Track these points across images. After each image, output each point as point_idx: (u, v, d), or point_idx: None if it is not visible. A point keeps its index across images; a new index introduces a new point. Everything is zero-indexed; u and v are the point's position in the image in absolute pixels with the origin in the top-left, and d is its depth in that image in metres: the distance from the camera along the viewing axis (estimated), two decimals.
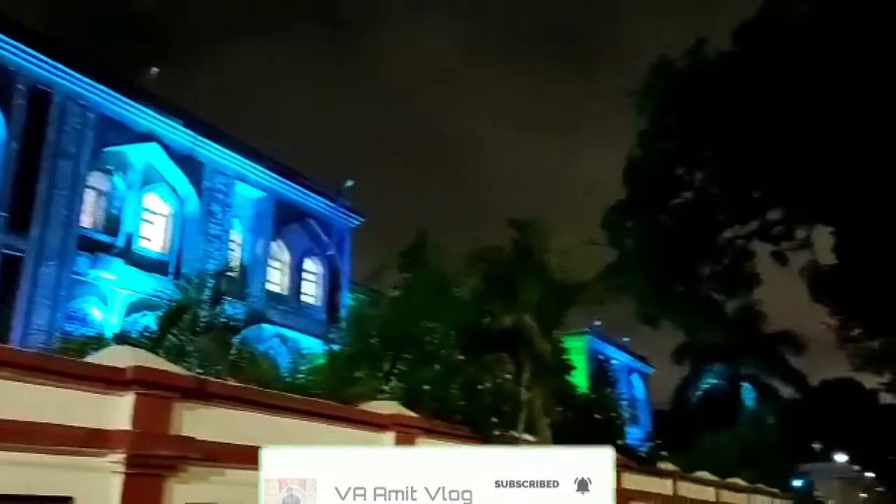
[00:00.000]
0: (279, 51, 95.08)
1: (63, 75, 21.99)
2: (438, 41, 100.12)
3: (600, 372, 43.60)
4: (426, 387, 9.15)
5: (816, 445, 40.26)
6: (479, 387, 10.01)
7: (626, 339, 49.41)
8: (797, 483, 25.53)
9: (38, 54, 21.34)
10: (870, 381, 41.55)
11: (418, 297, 11.12)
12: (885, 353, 30.88)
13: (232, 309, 16.70)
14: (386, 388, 8.80)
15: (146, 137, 24.31)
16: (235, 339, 9.03)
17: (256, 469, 6.13)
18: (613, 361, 47.88)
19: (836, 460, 40.33)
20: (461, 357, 10.26)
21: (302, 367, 11.00)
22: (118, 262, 23.10)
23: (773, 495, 21.87)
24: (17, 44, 20.89)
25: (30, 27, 22.28)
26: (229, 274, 17.00)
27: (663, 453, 17.62)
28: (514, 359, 10.81)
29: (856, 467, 42.50)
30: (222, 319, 10.05)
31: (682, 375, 45.22)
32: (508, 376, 10.48)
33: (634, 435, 33.40)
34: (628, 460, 12.78)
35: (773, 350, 43.33)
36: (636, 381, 51.95)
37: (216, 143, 26.42)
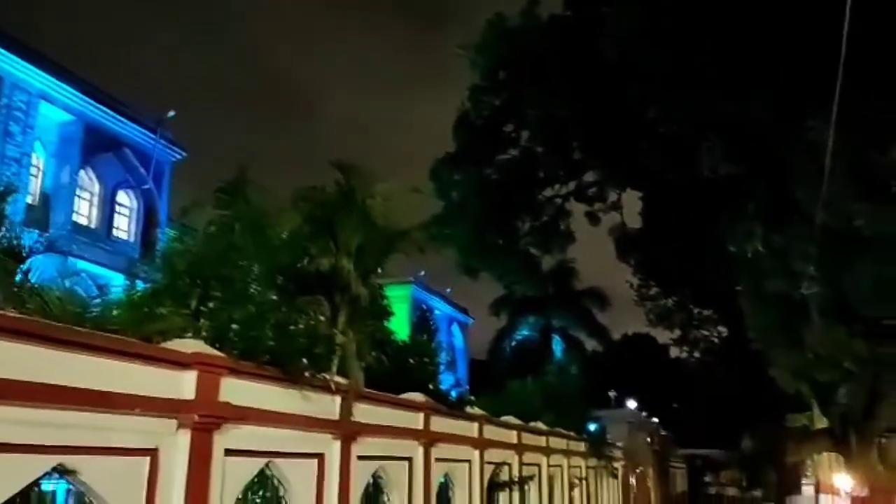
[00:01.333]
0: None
1: None
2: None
3: (422, 320, 44.68)
4: (236, 326, 8.88)
5: (612, 394, 43.85)
6: (292, 328, 9.86)
7: (448, 290, 50.83)
8: (592, 427, 27.67)
9: None
10: (662, 336, 45.71)
11: (234, 235, 10.73)
12: (675, 311, 33.98)
13: (28, 238, 15.35)
14: (192, 327, 8.44)
15: None
16: (24, 269, 8.27)
17: (40, 407, 5.69)
18: (436, 311, 49.22)
19: (627, 407, 44.20)
20: (275, 298, 10.04)
21: (104, 303, 10.30)
22: None
23: (570, 438, 23.57)
24: None
25: None
26: (28, 203, 15.52)
27: (472, 398, 18.40)
28: (330, 302, 10.72)
29: (643, 414, 46.86)
30: (11, 247, 9.17)
31: (499, 327, 47.41)
32: (323, 319, 10.40)
33: (449, 381, 34.61)
34: (437, 404, 13.21)
35: (581, 305, 46.45)
36: (456, 330, 53.70)
37: (16, 55, 23.83)
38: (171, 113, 29.99)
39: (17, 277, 8.47)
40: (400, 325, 24.94)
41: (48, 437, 5.79)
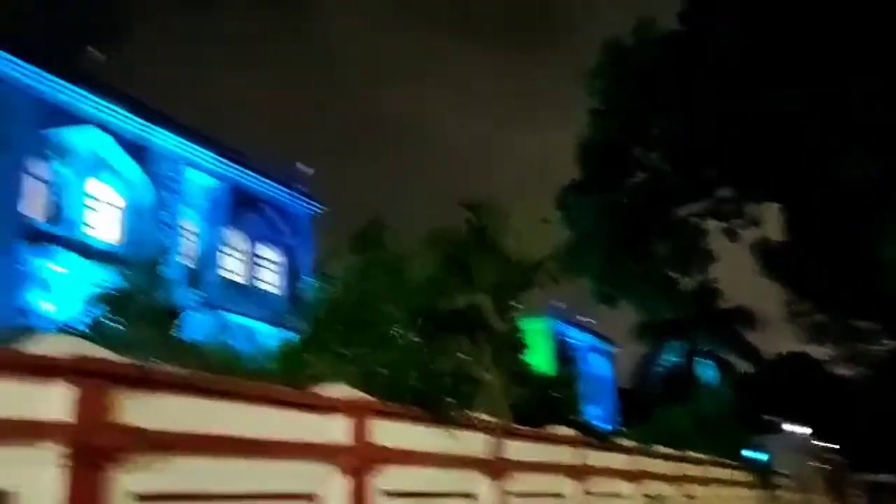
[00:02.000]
0: (230, 35, 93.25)
1: (1, 60, 21.27)
2: (390, 23, 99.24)
3: (562, 352, 44.06)
4: (380, 369, 9.05)
5: (770, 417, 41.27)
6: (436, 368, 9.94)
7: (590, 320, 49.92)
8: (751, 454, 26.08)
9: None
10: (819, 353, 42.72)
11: (372, 280, 11.00)
12: (831, 325, 31.72)
13: (186, 297, 16.46)
14: (339, 372, 8.68)
15: (89, 122, 23.68)
16: (180, 325, 8.82)
17: (203, 456, 6.00)
18: (576, 342, 48.43)
19: (789, 431, 41.42)
20: (416, 339, 10.18)
21: (257, 355, 10.81)
22: (66, 253, 22.53)
23: (729, 466, 22.31)
24: None
25: None
26: (183, 262, 16.67)
27: (621, 429, 17.83)
28: (471, 340, 10.75)
29: (808, 437, 43.74)
30: (168, 306, 9.82)
31: (643, 353, 45.93)
32: (465, 357, 10.42)
33: (595, 413, 33.79)
34: (586, 437, 12.87)
35: (728, 325, 44.21)
36: (600, 360, 52.54)
37: (165, 128, 25.87)
38: (306, 169, 31.50)
39: (176, 334, 9.03)
40: (539, 358, 24.66)
41: (214, 486, 6.06)
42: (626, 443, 15.17)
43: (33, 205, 22.56)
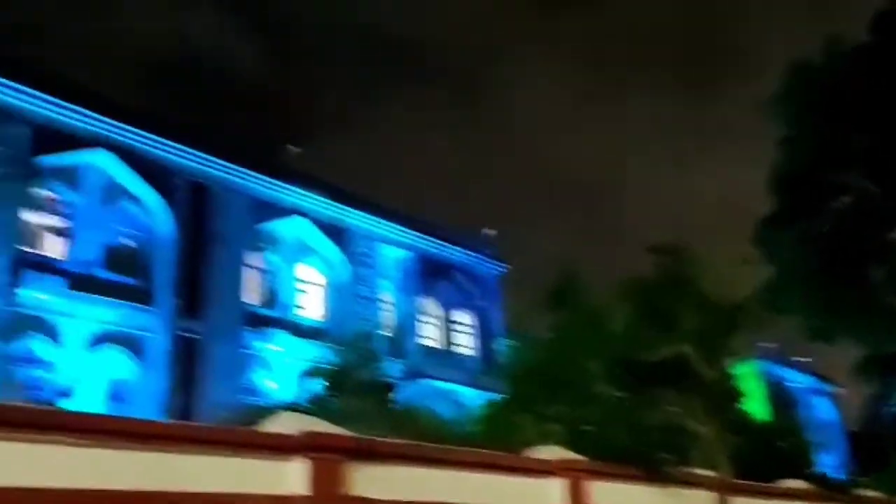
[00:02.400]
0: (404, 110, 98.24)
1: (215, 165, 23.84)
2: (555, 71, 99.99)
3: (778, 397, 40.95)
4: (588, 427, 8.93)
5: None
6: (645, 423, 9.63)
7: (805, 360, 46.10)
8: None
9: (191, 150, 23.28)
10: None
11: (570, 336, 10.96)
12: None
13: (390, 367, 17.23)
14: (548, 432, 8.66)
15: (294, 212, 25.79)
16: (395, 396, 9.25)
17: None
18: (793, 384, 44.86)
19: None
20: (621, 394, 9.96)
21: (462, 418, 11.05)
22: (281, 333, 24.36)
23: None
24: (174, 144, 22.89)
25: (178, 122, 24.42)
26: (384, 333, 17.48)
27: (861, 479, 16.15)
28: (679, 391, 10.34)
29: None
30: (380, 378, 10.34)
31: (870, 393, 41.56)
32: (675, 410, 10.02)
33: (827, 462, 30.90)
34: (820, 489, 11.81)
35: None
36: (822, 402, 48.24)
37: (357, 209, 27.59)
38: (490, 231, 32.18)
39: (390, 404, 9.46)
40: (754, 405, 23.09)
41: None
42: (870, 494, 13.74)
43: (251, 292, 24.78)
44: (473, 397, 26.74)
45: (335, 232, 26.90)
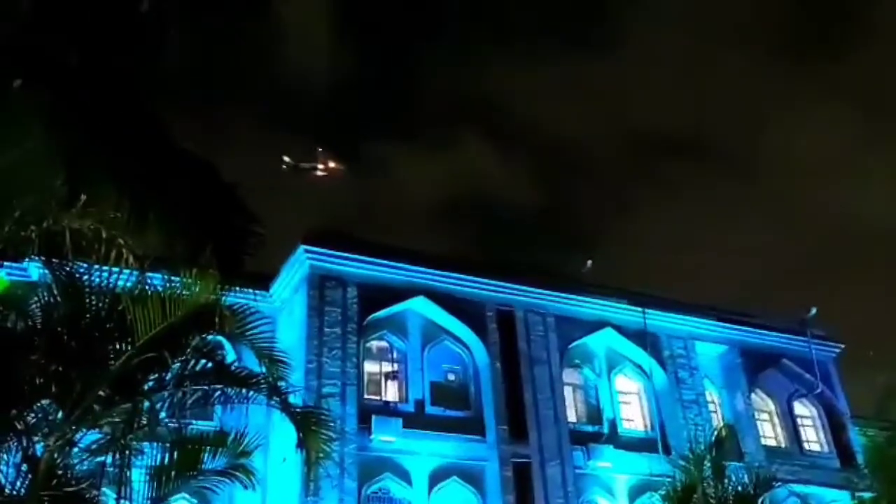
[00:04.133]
0: (684, 203, 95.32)
1: (518, 292, 24.89)
2: (833, 118, 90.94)
3: None
4: None
5: None
6: None
7: None
8: None
9: (496, 281, 24.63)
10: None
11: None
12: None
13: (735, 476, 15.96)
14: None
15: (599, 325, 25.80)
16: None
17: None
18: None
19: None
20: None
21: None
22: (608, 449, 23.90)
23: None
24: (479, 278, 24.44)
25: (479, 259, 26.14)
26: (723, 437, 16.40)
27: None
28: None
29: None
30: (730, 490, 9.63)
31: None
32: None
33: None
34: None
35: None
36: None
37: (662, 310, 26.84)
38: (813, 310, 29.31)
39: None
40: None
41: None
42: None
43: (572, 409, 24.84)
44: (837, 499, 23.66)
45: (642, 337, 26.31)
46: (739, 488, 9.56)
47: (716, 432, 17.37)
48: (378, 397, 22.65)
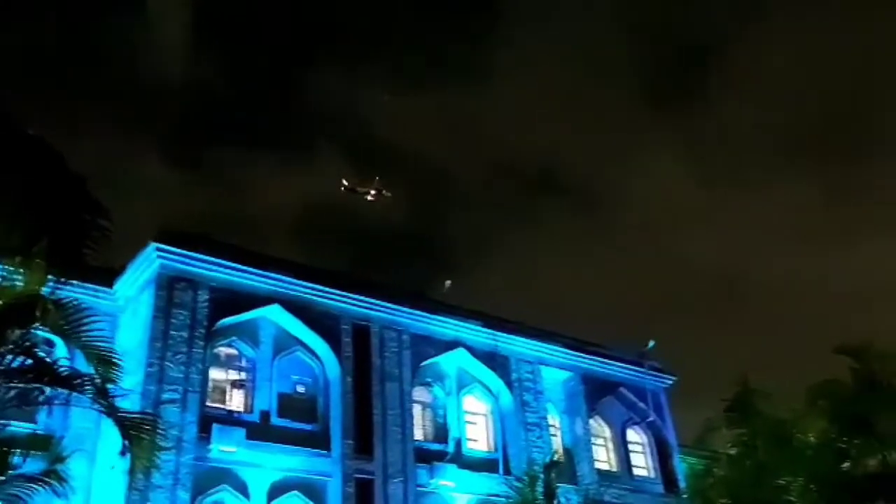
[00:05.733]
0: (534, 233, 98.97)
1: (376, 307, 24.85)
2: (677, 168, 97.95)
3: None
4: None
5: None
6: None
7: None
8: None
9: (354, 295, 24.49)
10: None
11: (759, 453, 10.26)
12: None
13: (565, 498, 16.62)
14: None
15: (453, 345, 26.18)
16: None
17: None
18: None
19: None
20: None
21: None
22: (452, 468, 24.22)
23: None
24: (338, 291, 24.21)
25: (339, 271, 25.98)
26: (556, 461, 17.02)
27: None
28: None
29: None
30: None
31: None
32: None
33: None
34: None
35: None
36: None
37: (513, 334, 27.62)
38: (651, 343, 31.08)
39: None
40: None
41: None
42: None
43: (419, 428, 24.99)
44: None
45: (493, 359, 26.94)
46: None
47: (551, 455, 18.03)
48: (222, 406, 21.88)
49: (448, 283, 28.25)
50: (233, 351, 22.85)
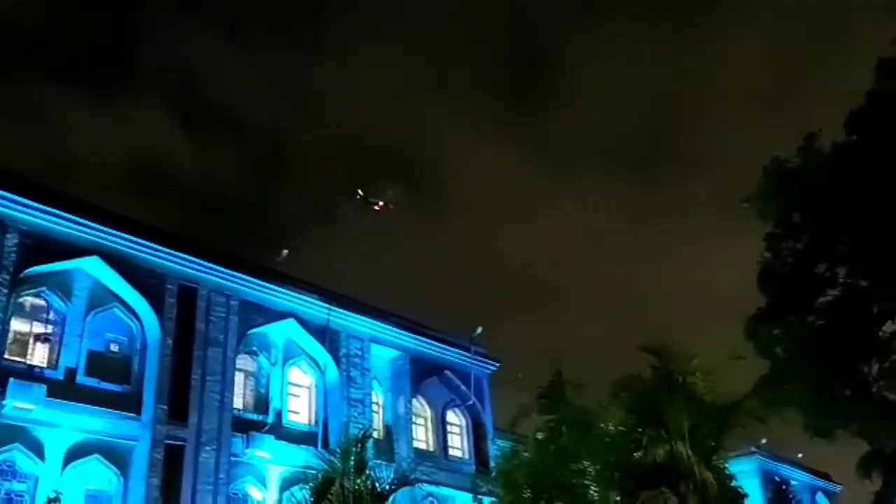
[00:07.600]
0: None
1: (206, 270, 23.87)
2: (512, 167, 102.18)
3: (778, 495, 40.00)
4: None
5: None
6: None
7: (800, 455, 45.24)
8: None
9: (183, 255, 23.38)
10: None
11: (563, 438, 10.83)
12: None
13: (380, 473, 16.78)
14: None
15: (284, 315, 25.66)
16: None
17: None
18: (792, 482, 43.89)
19: None
20: (617, 497, 9.75)
21: None
22: (270, 439, 23.82)
23: None
24: (165, 248, 23.02)
25: (169, 230, 24.76)
26: (374, 437, 17.12)
27: None
28: (675, 493, 10.13)
29: None
30: (371, 486, 10.09)
31: (874, 490, 40.56)
32: None
33: None
34: None
35: None
36: (822, 501, 47.09)
37: (347, 310, 27.51)
38: (479, 329, 32.02)
39: None
40: None
41: None
42: None
43: (240, 397, 24.33)
44: (466, 501, 26.02)
45: (324, 333, 26.70)
46: (377, 485, 10.05)
47: (364, 431, 18.16)
48: (22, 359, 20.25)
49: (285, 252, 27.59)
50: (41, 302, 21.20)
